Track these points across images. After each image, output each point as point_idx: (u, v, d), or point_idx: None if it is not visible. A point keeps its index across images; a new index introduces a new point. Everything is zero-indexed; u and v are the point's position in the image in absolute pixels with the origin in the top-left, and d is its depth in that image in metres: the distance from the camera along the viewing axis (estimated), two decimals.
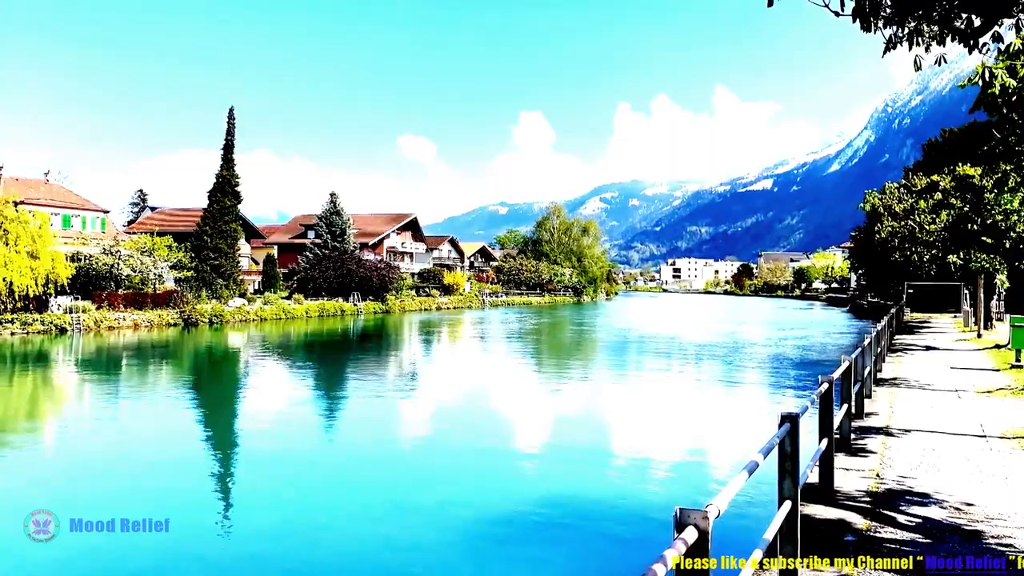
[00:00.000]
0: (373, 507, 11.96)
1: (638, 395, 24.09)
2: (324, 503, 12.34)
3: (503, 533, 10.54)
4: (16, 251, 44.54)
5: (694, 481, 13.25)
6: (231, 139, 62.44)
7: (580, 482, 13.10)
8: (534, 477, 13.69)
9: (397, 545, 10.22)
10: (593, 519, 11.08)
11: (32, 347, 36.72)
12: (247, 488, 13.48)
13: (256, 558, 9.89)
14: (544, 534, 10.37)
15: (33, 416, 21.15)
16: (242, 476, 14.50)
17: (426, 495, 12.50)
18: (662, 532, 9.64)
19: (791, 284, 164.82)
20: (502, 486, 12.98)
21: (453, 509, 11.69)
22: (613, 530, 10.52)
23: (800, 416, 5.65)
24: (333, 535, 10.78)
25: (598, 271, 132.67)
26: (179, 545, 10.13)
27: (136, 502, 11.89)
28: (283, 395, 24.25)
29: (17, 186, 59.92)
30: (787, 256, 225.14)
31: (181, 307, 51.69)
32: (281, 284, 71.81)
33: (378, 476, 14.00)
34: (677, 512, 3.31)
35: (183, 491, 12.87)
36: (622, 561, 9.31)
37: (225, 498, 12.82)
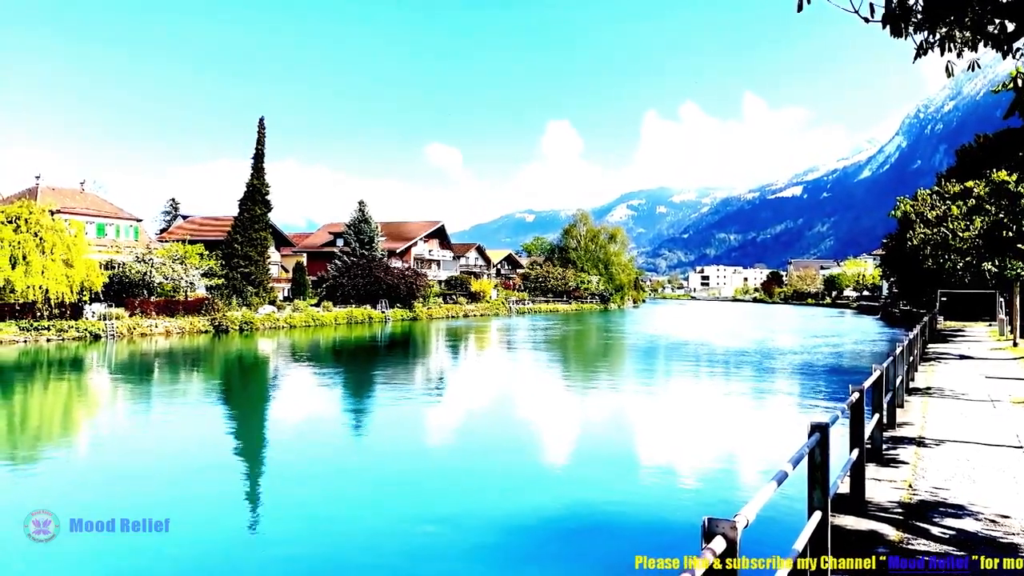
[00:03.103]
0: (394, 510, 11.95)
1: (666, 403, 23.94)
2: (334, 505, 12.38)
3: (529, 540, 10.52)
4: (52, 259, 45.45)
5: (721, 490, 13.13)
6: (261, 148, 63.21)
7: (607, 490, 13.04)
8: (561, 484, 13.65)
9: (416, 549, 10.23)
10: (620, 527, 11.02)
11: (67, 353, 37.37)
12: (253, 491, 13.51)
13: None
14: (571, 542, 10.34)
15: (57, 420, 21.51)
16: (250, 479, 14.50)
17: (451, 501, 12.52)
18: (689, 541, 9.56)
19: (821, 292, 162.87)
20: (529, 493, 12.94)
21: (479, 515, 11.68)
22: (640, 539, 10.45)
23: (830, 426, 5.58)
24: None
25: (625, 278, 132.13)
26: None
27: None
28: (308, 401, 24.42)
29: (53, 195, 61.11)
30: (817, 264, 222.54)
31: (212, 314, 52.34)
32: (310, 291, 72.47)
33: (401, 481, 13.98)
34: (705, 522, 3.29)
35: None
36: (649, 571, 9.25)
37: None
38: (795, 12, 6.35)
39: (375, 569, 9.81)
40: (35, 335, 41.61)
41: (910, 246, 56.12)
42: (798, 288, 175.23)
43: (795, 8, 6.32)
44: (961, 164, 58.61)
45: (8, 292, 43.82)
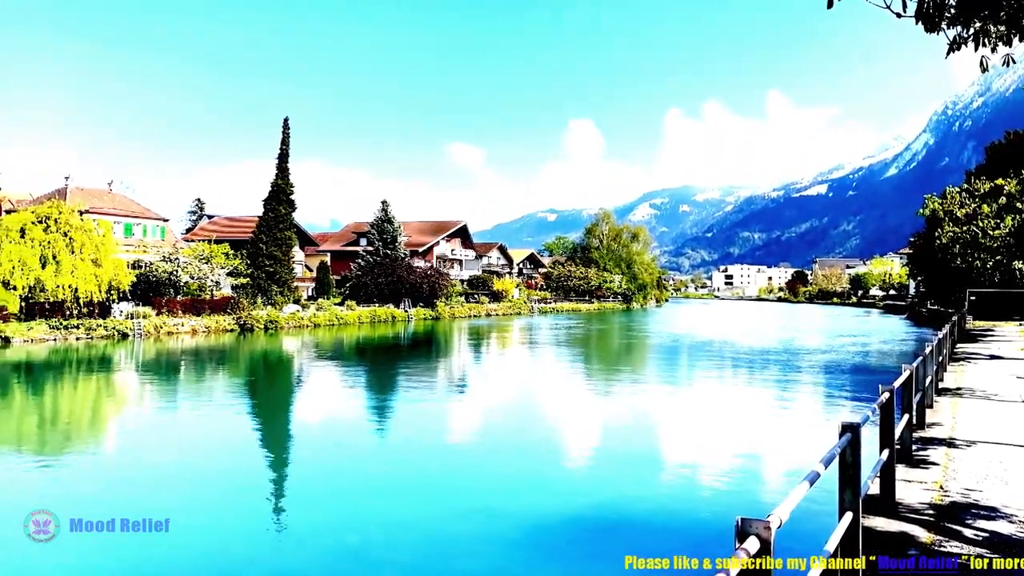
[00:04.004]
0: (407, 508, 11.96)
1: (693, 402, 23.82)
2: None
3: (555, 540, 10.51)
4: (81, 259, 46.10)
5: (750, 489, 13.04)
6: (286, 148, 63.66)
7: (635, 490, 13.00)
8: (588, 483, 13.62)
9: (437, 550, 10.22)
10: (649, 527, 10.97)
11: (95, 352, 37.90)
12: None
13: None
14: (598, 541, 10.31)
15: (74, 419, 21.77)
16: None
17: (476, 499, 12.53)
18: (720, 541, 9.52)
19: (847, 291, 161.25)
20: (554, 493, 12.92)
21: (503, 514, 11.68)
22: (670, 539, 10.40)
23: (861, 426, 5.53)
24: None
25: (648, 278, 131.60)
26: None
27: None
28: (330, 399, 24.56)
29: (82, 195, 61.97)
30: (843, 263, 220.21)
31: (237, 313, 52.84)
32: (334, 291, 72.92)
33: (424, 480, 13.99)
34: (738, 522, 3.26)
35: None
36: (680, 571, 9.20)
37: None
38: (822, 9, 6.30)
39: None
40: (65, 334, 42.23)
41: (938, 245, 55.42)
42: (823, 287, 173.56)
43: (825, 5, 6.27)
44: (991, 161, 57.79)
45: (39, 291, 44.50)
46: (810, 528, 8.55)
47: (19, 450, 16.99)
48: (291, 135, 64.12)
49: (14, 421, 20.50)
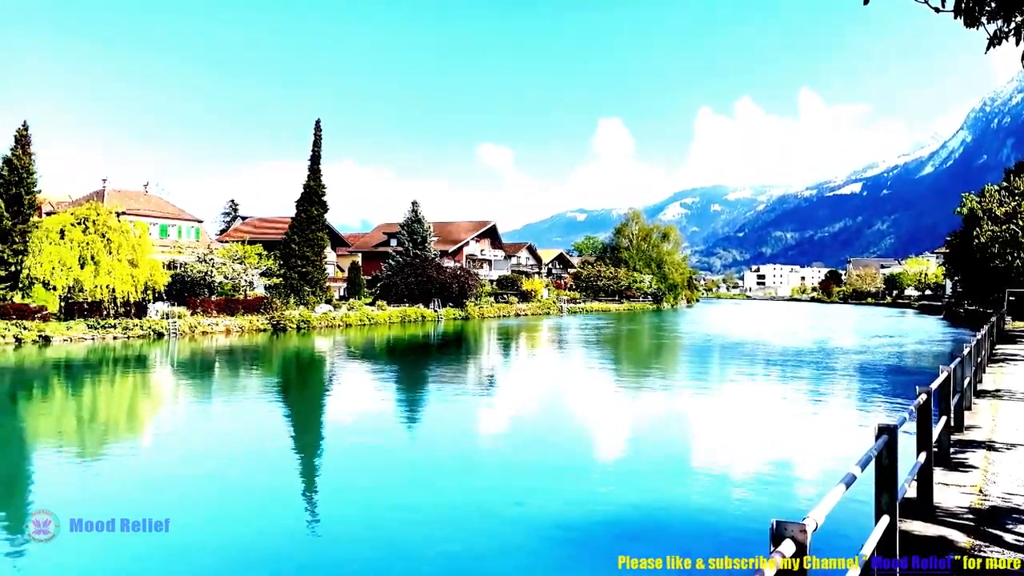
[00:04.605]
0: (441, 509, 11.99)
1: (725, 403, 23.61)
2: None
3: (583, 540, 10.47)
4: (118, 259, 46.97)
5: (783, 492, 12.90)
6: (318, 150, 64.28)
7: (665, 491, 12.92)
8: (618, 484, 13.55)
9: (458, 551, 10.22)
10: (680, 529, 10.90)
11: (132, 351, 38.55)
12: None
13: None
14: (628, 542, 10.25)
15: (99, 419, 22.11)
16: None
17: (505, 500, 12.53)
18: (752, 544, 9.43)
19: (881, 291, 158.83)
20: (583, 494, 12.86)
21: (531, 515, 11.67)
22: (701, 542, 10.32)
23: (898, 428, 5.45)
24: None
25: (678, 277, 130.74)
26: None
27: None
28: (359, 398, 24.70)
29: (119, 197, 63.13)
30: (877, 262, 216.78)
31: (270, 313, 53.45)
32: (365, 291, 73.46)
33: (454, 480, 14.03)
34: (774, 524, 3.23)
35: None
36: (718, 571, 9.12)
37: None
38: (855, 5, 6.21)
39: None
40: (102, 333, 43.02)
41: (976, 244, 54.36)
42: (857, 287, 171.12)
43: (860, 1, 6.18)
44: None
45: (77, 291, 45.40)
46: (846, 532, 8.44)
47: (34, 449, 17.26)
48: (324, 136, 64.88)
49: (40, 420, 20.91)
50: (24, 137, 44.73)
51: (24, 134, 44.78)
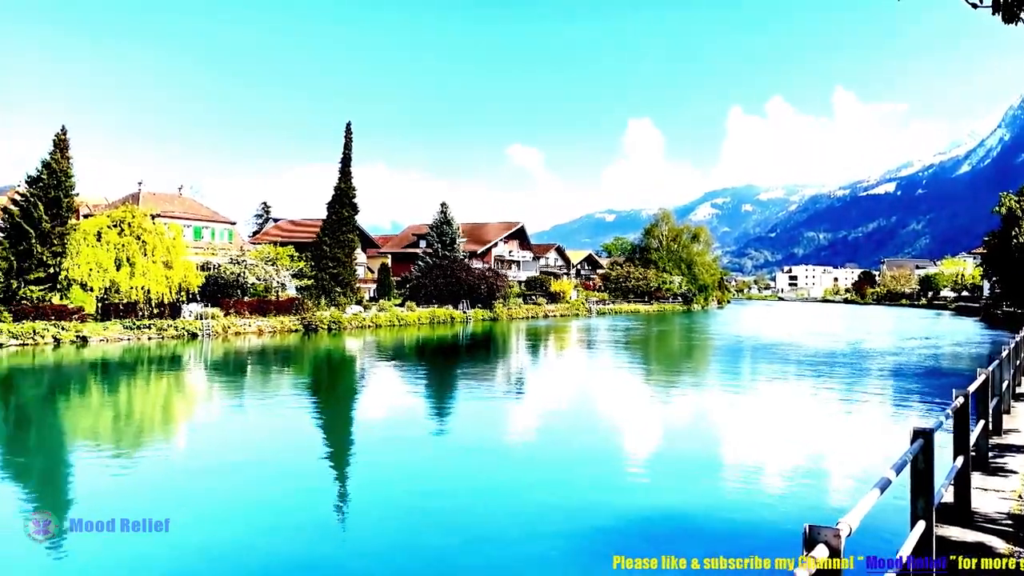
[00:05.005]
0: (465, 510, 12.01)
1: (757, 405, 23.38)
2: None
3: (610, 541, 10.41)
4: (153, 261, 47.77)
5: (816, 495, 12.74)
6: (348, 153, 64.83)
7: (695, 493, 12.82)
8: (647, 485, 13.46)
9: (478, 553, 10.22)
10: (710, 532, 10.81)
11: (166, 351, 39.14)
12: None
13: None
14: (658, 544, 10.19)
15: (126, 418, 22.45)
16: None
17: (532, 500, 12.51)
18: (783, 548, 9.32)
19: (916, 292, 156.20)
20: (611, 495, 12.81)
21: (557, 515, 11.65)
22: (731, 545, 10.23)
23: (934, 432, 5.36)
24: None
25: (709, 278, 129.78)
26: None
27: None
28: (383, 400, 24.80)
29: (154, 200, 64.19)
30: (912, 263, 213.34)
31: (302, 314, 53.99)
32: (395, 292, 73.91)
33: (476, 481, 14.05)
34: (806, 529, 3.20)
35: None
36: (750, 571, 9.03)
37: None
38: (890, 4, 6.14)
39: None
40: (137, 333, 43.72)
41: (1015, 243, 53.26)
42: (891, 288, 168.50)
43: None
44: None
45: (113, 292, 46.23)
46: (881, 537, 8.32)
47: (50, 448, 17.43)
48: (354, 139, 65.34)
49: (63, 420, 21.28)
50: (62, 141, 45.64)
51: (63, 138, 45.69)
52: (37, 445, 17.71)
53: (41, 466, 15.59)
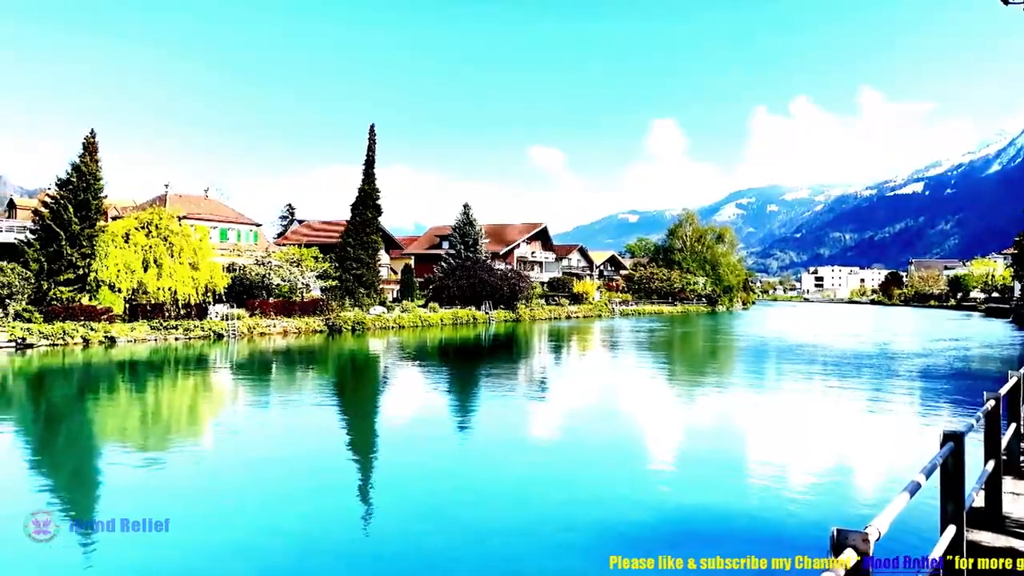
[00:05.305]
0: (487, 511, 12.00)
1: (782, 406, 23.16)
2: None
3: (633, 544, 10.34)
4: (180, 262, 48.30)
5: (843, 498, 12.59)
6: (372, 155, 65.20)
7: (719, 495, 12.71)
8: (670, 488, 13.37)
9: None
10: (733, 535, 10.71)
11: (192, 351, 39.56)
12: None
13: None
14: (682, 547, 10.12)
15: (146, 418, 22.68)
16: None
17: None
18: (817, 551, 9.22)
19: (945, 293, 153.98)
20: (636, 497, 12.73)
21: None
22: (756, 548, 10.13)
23: (965, 435, 5.27)
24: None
25: (734, 279, 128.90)
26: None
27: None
28: (403, 400, 24.86)
29: (180, 202, 64.91)
30: (940, 264, 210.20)
31: (326, 315, 54.33)
32: (417, 293, 74.16)
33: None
34: (834, 533, 3.14)
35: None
36: (775, 571, 8.94)
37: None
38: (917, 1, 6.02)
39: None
40: (164, 334, 44.21)
41: None
42: (919, 289, 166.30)
43: None
44: None
45: (141, 293, 46.81)
46: (910, 542, 8.20)
47: (63, 448, 17.54)
48: (377, 141, 65.69)
49: (86, 419, 21.54)
50: (92, 144, 46.29)
51: (92, 141, 46.34)
52: (48, 444, 17.90)
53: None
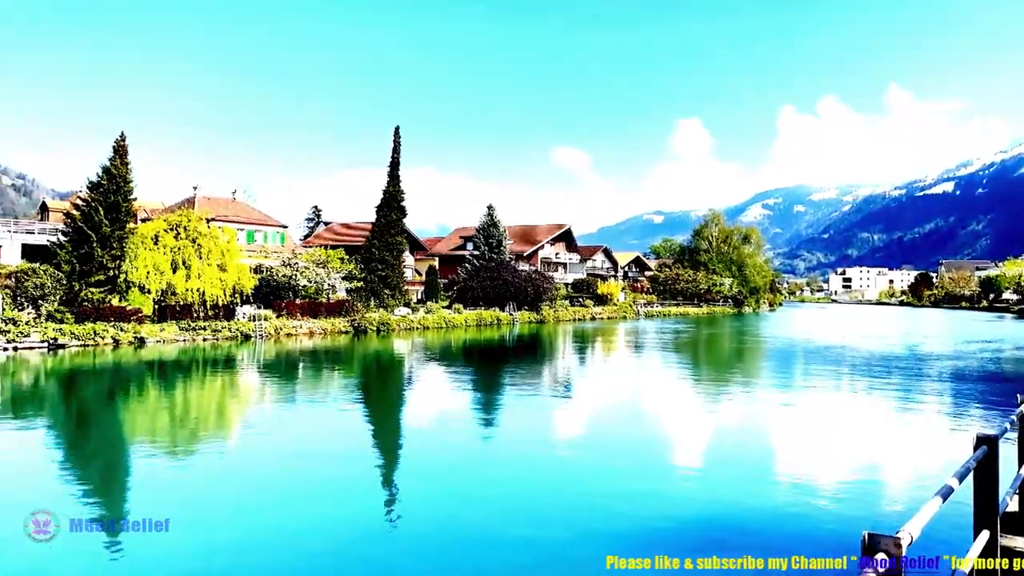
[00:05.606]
0: (509, 512, 12.00)
1: (809, 408, 22.91)
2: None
3: (659, 546, 10.28)
4: (208, 264, 48.86)
5: (873, 502, 12.42)
6: (397, 157, 65.52)
7: (746, 498, 12.59)
8: (696, 490, 13.26)
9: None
10: (760, 538, 10.61)
11: (220, 352, 39.96)
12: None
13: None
14: (709, 549, 10.04)
15: (163, 419, 22.89)
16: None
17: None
18: (833, 554, 9.12)
19: (977, 295, 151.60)
20: (660, 499, 12.66)
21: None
22: (782, 552, 10.03)
23: (999, 438, 5.17)
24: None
25: (760, 281, 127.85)
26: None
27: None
28: (424, 401, 24.90)
29: (208, 204, 65.67)
30: (972, 264, 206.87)
31: (352, 316, 54.67)
32: (442, 294, 74.39)
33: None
34: (865, 537, 3.10)
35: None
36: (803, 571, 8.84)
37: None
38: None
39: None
40: (193, 335, 44.72)
41: None
42: (950, 291, 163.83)
43: None
44: None
45: (170, 295, 47.39)
46: (941, 547, 8.07)
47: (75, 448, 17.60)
48: (402, 143, 66.05)
49: (109, 419, 21.81)
50: (122, 147, 46.95)
51: (122, 144, 47.00)
52: (71, 442, 18.01)
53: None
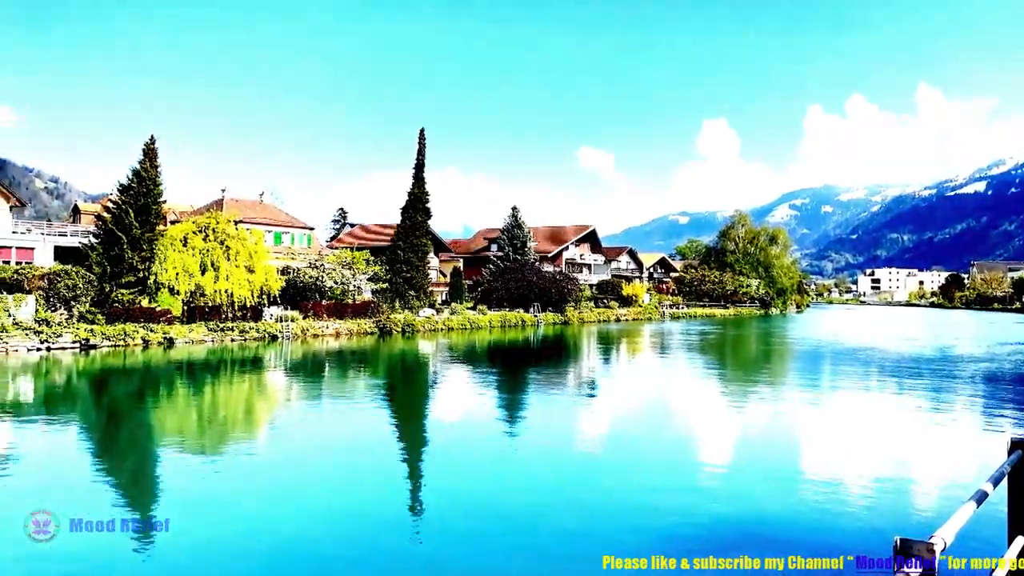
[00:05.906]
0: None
1: (837, 411, 22.67)
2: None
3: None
4: (236, 265, 49.37)
5: (902, 507, 12.26)
6: (422, 159, 65.80)
7: (773, 501, 12.49)
8: (724, 493, 13.17)
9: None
10: (788, 542, 10.51)
11: (248, 352, 40.36)
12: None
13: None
14: (735, 552, 9.97)
15: (176, 419, 23.10)
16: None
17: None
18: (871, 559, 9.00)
19: (1009, 296, 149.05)
20: (686, 501, 12.58)
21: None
22: (810, 555, 9.93)
23: None
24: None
25: (788, 282, 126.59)
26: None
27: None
28: (447, 402, 24.95)
29: (236, 206, 66.33)
30: (1005, 265, 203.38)
31: (377, 317, 54.98)
32: (466, 295, 74.54)
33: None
34: (897, 542, 3.06)
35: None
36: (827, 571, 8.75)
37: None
38: None
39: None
40: (221, 335, 45.20)
41: None
42: (982, 292, 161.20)
43: None
44: None
45: (198, 296, 47.95)
46: (974, 554, 7.94)
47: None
48: (427, 145, 66.28)
49: (132, 419, 22.08)
50: (151, 150, 47.60)
51: (151, 147, 47.65)
52: (100, 441, 18.26)
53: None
